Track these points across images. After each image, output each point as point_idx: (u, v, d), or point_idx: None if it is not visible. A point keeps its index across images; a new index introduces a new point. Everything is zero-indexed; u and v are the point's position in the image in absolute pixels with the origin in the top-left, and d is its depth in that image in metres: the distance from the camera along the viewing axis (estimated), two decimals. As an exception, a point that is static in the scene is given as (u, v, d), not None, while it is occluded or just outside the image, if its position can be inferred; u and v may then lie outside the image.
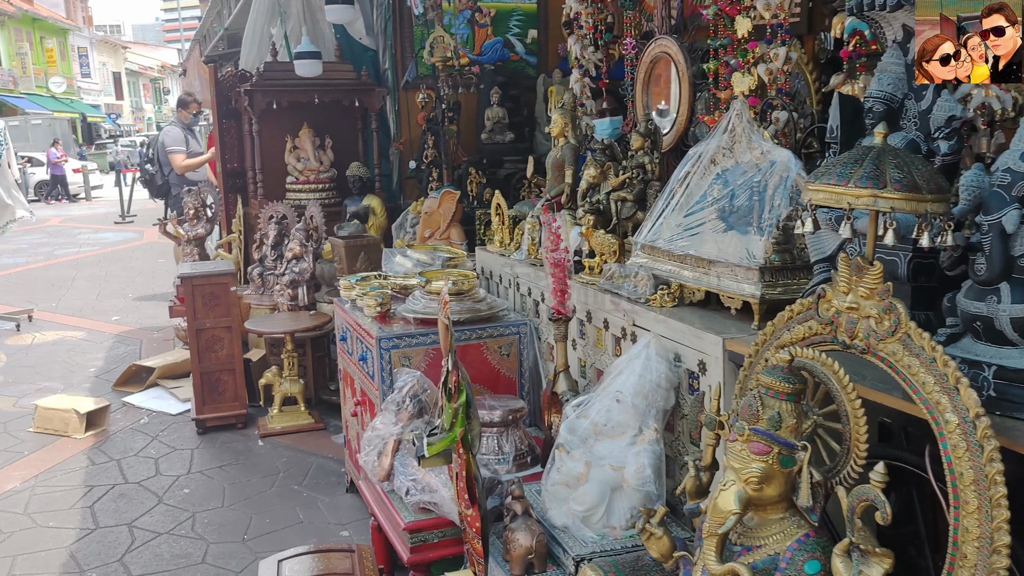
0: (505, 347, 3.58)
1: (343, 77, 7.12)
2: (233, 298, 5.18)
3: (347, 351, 4.00)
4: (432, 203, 5.78)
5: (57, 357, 7.15)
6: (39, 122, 32.83)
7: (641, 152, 3.33)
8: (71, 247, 14.41)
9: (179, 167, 8.50)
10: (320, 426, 5.22)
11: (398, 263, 4.08)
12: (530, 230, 3.85)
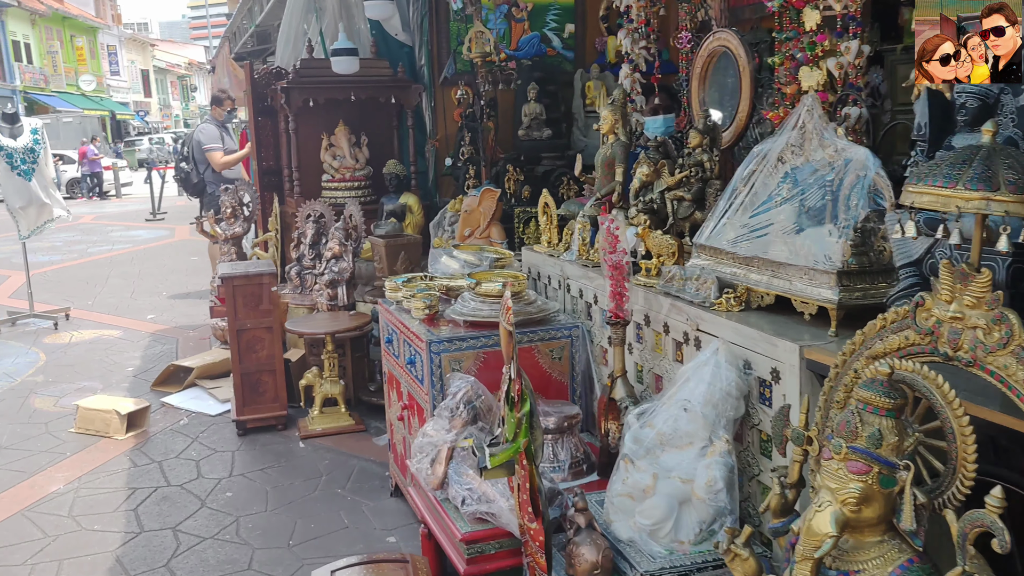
0: (557, 351, 3.49)
1: (379, 74, 7.06)
2: (274, 298, 5.13)
3: (393, 354, 3.92)
4: (472, 201, 5.70)
5: (95, 356, 7.15)
6: (70, 120, 33.19)
7: (699, 150, 3.22)
8: (104, 245, 14.49)
9: (218, 164, 8.48)
10: (361, 428, 5.16)
11: (444, 264, 4.00)
12: (580, 230, 3.75)
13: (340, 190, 7.09)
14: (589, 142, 7.46)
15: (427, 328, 3.51)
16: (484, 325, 3.43)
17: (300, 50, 7.68)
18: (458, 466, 2.91)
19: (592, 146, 7.44)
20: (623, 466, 2.49)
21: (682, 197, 3.25)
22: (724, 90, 3.56)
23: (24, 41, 35.57)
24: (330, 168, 7.17)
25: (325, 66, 6.97)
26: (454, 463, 2.92)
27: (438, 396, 3.35)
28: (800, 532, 1.65)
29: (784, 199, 2.66)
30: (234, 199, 6.73)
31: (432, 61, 7.28)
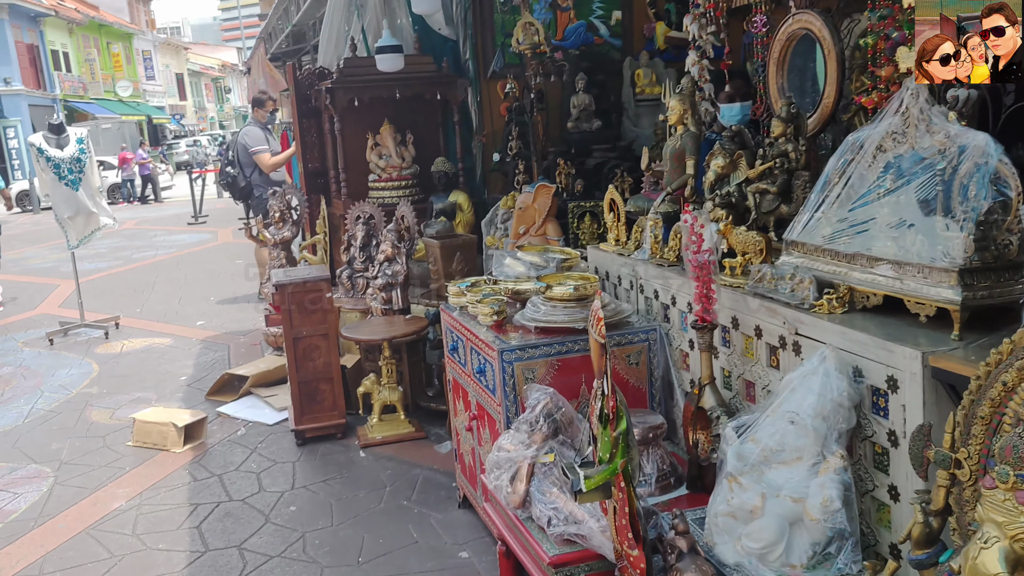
0: (633, 356, 3.32)
1: (424, 70, 6.92)
2: (329, 305, 5.01)
3: (459, 361, 3.78)
4: (526, 197, 5.54)
5: (147, 365, 7.11)
6: (108, 126, 33.57)
7: (783, 139, 3.03)
8: (148, 250, 14.56)
9: (266, 166, 8.43)
10: (421, 435, 5.03)
11: (509, 266, 3.84)
12: (652, 227, 3.57)
13: (387, 190, 6.97)
14: (640, 132, 7.27)
15: (496, 335, 3.36)
16: (557, 331, 3.28)
17: (342, 49, 7.57)
18: (540, 483, 2.76)
19: (644, 136, 7.25)
20: (727, 485, 2.31)
21: (766, 190, 3.06)
22: (805, 75, 3.36)
23: (63, 50, 36.04)
24: (376, 168, 7.05)
25: (369, 64, 6.85)
26: (536, 480, 2.77)
27: (511, 407, 3.21)
28: (963, 572, 1.48)
29: (887, 191, 2.46)
30: (282, 203, 6.64)
31: (477, 55, 7.12)
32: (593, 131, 7.00)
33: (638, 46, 7.47)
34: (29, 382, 6.85)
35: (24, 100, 31.03)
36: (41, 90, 33.05)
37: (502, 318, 3.45)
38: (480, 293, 3.65)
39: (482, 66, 7.18)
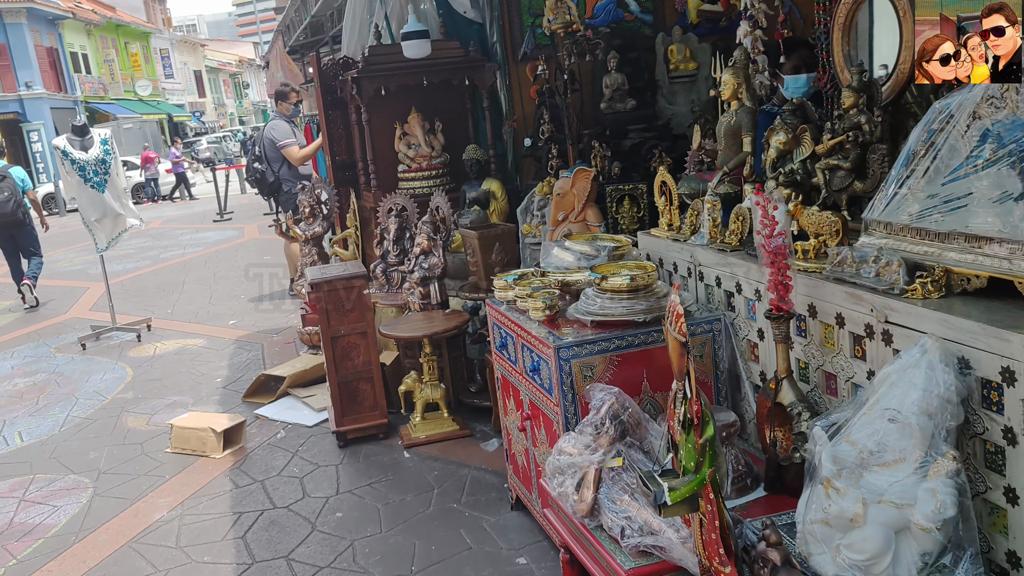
0: (697, 348, 3.12)
1: (451, 55, 6.72)
2: (366, 302, 4.85)
3: (508, 359, 3.60)
4: (564, 183, 5.33)
5: (181, 368, 7.00)
6: (130, 126, 33.70)
7: (855, 110, 2.81)
8: (175, 249, 14.51)
9: (296, 159, 8.31)
10: (466, 432, 4.87)
11: (557, 257, 3.65)
12: (710, 210, 3.36)
13: (417, 180, 6.80)
14: (676, 110, 7.04)
15: (549, 331, 3.17)
16: (614, 325, 3.08)
17: (366, 37, 7.39)
18: (609, 490, 2.58)
19: (680, 114, 7.03)
20: (822, 491, 2.12)
21: (837, 166, 2.85)
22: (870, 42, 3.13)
23: (82, 52, 36.17)
24: (405, 158, 6.87)
25: (394, 52, 6.66)
26: (604, 487, 2.59)
27: (569, 407, 3.02)
28: None
29: (986, 162, 2.24)
30: (311, 198, 6.48)
31: (504, 37, 6.91)
32: (627, 111, 6.77)
33: (670, 21, 7.23)
34: (63, 389, 6.76)
35: (46, 103, 31.18)
36: (62, 93, 33.20)
37: (554, 312, 3.26)
38: (529, 287, 3.46)
39: (510, 49, 6.96)
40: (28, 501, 4.69)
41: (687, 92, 7.05)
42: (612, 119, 6.75)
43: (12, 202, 9.63)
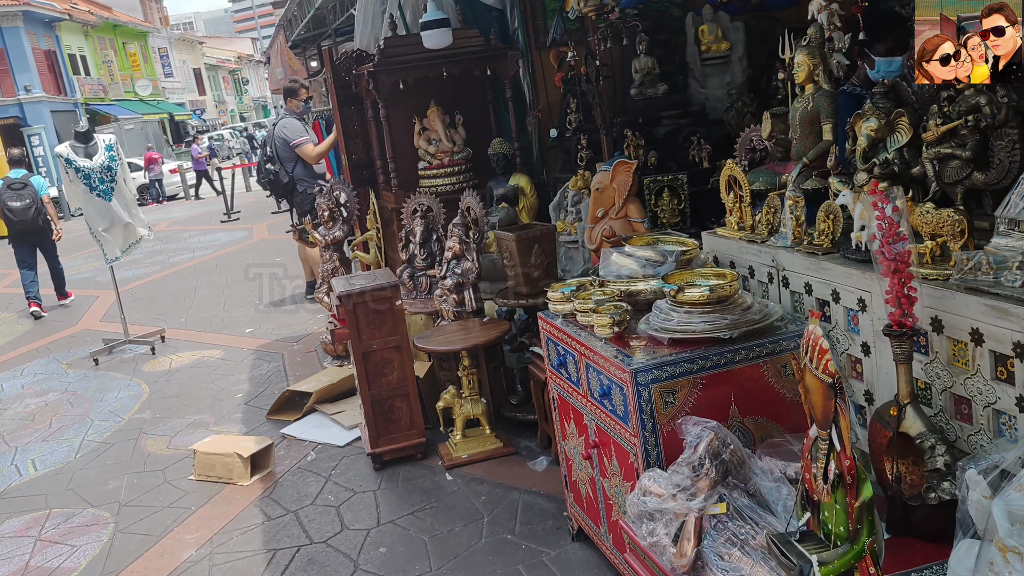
0: (789, 365, 2.78)
1: (471, 44, 6.36)
2: (399, 313, 4.51)
3: (568, 379, 3.26)
4: (603, 177, 4.98)
5: (199, 383, 6.68)
6: (132, 127, 33.39)
7: (972, 91, 2.45)
8: (185, 252, 14.19)
9: (311, 157, 7.99)
10: (510, 450, 4.54)
11: (617, 263, 3.30)
12: (792, 207, 3.01)
13: (440, 177, 6.45)
14: (710, 94, 6.67)
15: (619, 350, 2.83)
16: (694, 342, 2.74)
17: (379, 29, 7.03)
18: (714, 542, 2.24)
19: (714, 98, 6.65)
20: (996, 554, 1.77)
21: (952, 155, 2.49)
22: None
23: (80, 53, 35.81)
24: (426, 154, 6.52)
25: (411, 43, 6.30)
26: (708, 539, 2.25)
27: (649, 438, 2.68)
28: None
29: None
30: (330, 200, 6.13)
31: (527, 23, 6.55)
32: (659, 96, 6.43)
33: (699, 1, 6.85)
34: (77, 410, 6.45)
35: (46, 107, 30.85)
36: (62, 95, 32.85)
37: (623, 329, 2.92)
38: (590, 299, 3.12)
39: (532, 35, 6.61)
40: (45, 540, 4.38)
41: (720, 74, 6.68)
42: (643, 106, 6.40)
43: (33, 209, 9.74)
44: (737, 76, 6.68)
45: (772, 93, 6.52)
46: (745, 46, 6.66)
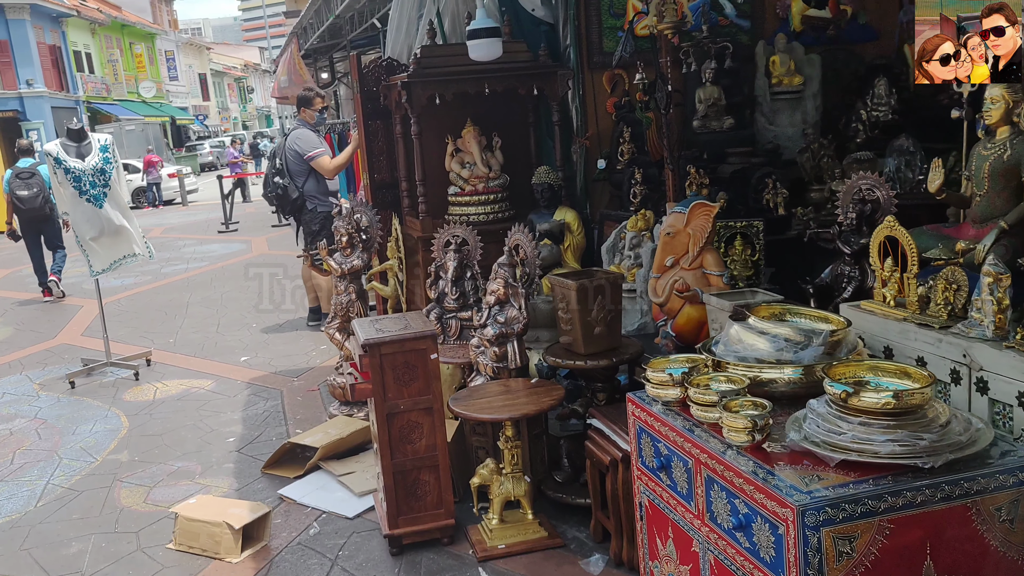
0: (1007, 508, 2.04)
1: (518, 59, 5.69)
2: (434, 369, 3.76)
3: (672, 488, 2.51)
4: (676, 220, 4.27)
5: (186, 419, 5.90)
6: (132, 128, 32.74)
7: None
8: (178, 263, 13.40)
9: (329, 170, 7.31)
10: (557, 541, 3.77)
11: (739, 338, 2.56)
12: (991, 284, 2.29)
13: (472, 205, 5.76)
14: (779, 131, 6.00)
15: (759, 465, 2.10)
16: (875, 469, 2.00)
17: (414, 37, 6.34)
18: None
19: (783, 136, 5.97)
20: None
21: None
22: None
23: (85, 51, 35.16)
24: (458, 179, 5.82)
25: (453, 53, 5.62)
26: None
27: (812, 597, 1.94)
28: None
29: None
30: (350, 224, 5.39)
31: (580, 41, 5.87)
32: (724, 131, 5.77)
33: (770, 27, 6.23)
34: (45, 443, 5.66)
35: (47, 102, 30.10)
36: (64, 92, 32.14)
37: (765, 437, 2.18)
38: (710, 386, 2.38)
39: (586, 54, 5.92)
40: (-14, 622, 3.60)
41: (790, 111, 6.02)
42: (707, 140, 5.74)
43: (40, 197, 10.33)
44: (809, 114, 6.00)
45: (851, 136, 5.87)
46: (820, 82, 6.00)
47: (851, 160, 5.40)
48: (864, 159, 5.41)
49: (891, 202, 3.77)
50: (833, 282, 3.97)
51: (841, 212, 3.95)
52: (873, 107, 5.81)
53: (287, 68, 18.79)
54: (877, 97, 5.81)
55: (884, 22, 6.32)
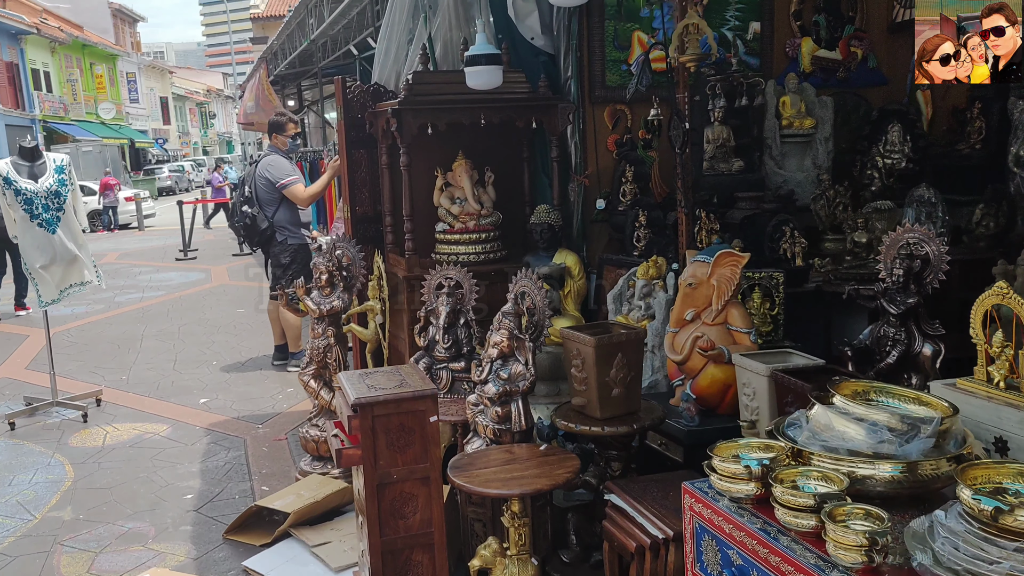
0: None
1: (517, 90, 5.30)
2: (433, 434, 3.29)
3: (744, 604, 2.08)
4: (698, 270, 3.89)
5: (139, 471, 5.34)
6: (89, 149, 31.97)
7: None
8: (133, 291, 12.76)
9: (304, 199, 6.93)
10: (568, 634, 3.31)
11: (828, 425, 2.14)
12: None
13: (461, 244, 5.33)
14: (787, 176, 5.67)
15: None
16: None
17: (403, 63, 5.93)
18: None
19: (792, 180, 5.64)
20: None
21: None
22: None
23: (44, 69, 34.31)
24: (447, 215, 5.39)
25: (447, 80, 5.23)
26: None
27: None
28: None
29: None
30: (331, 262, 4.92)
31: (582, 73, 5.50)
32: (733, 173, 5.42)
33: (778, 66, 5.92)
34: (-23, 495, 5.07)
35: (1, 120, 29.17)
36: (19, 110, 31.23)
37: (883, 557, 1.76)
38: (797, 483, 1.96)
39: (587, 87, 5.56)
40: None
41: (799, 155, 5.70)
42: (714, 182, 5.38)
43: None
44: (820, 158, 5.68)
45: (866, 183, 5.56)
46: (832, 125, 5.70)
47: (871, 209, 5.09)
48: (884, 209, 5.10)
49: (942, 259, 3.41)
50: (874, 345, 3.59)
51: (883, 268, 3.58)
52: (886, 154, 5.52)
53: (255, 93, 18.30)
54: (890, 144, 5.53)
55: (894, 66, 6.07)
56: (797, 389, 3.14)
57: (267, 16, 36.26)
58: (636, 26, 5.59)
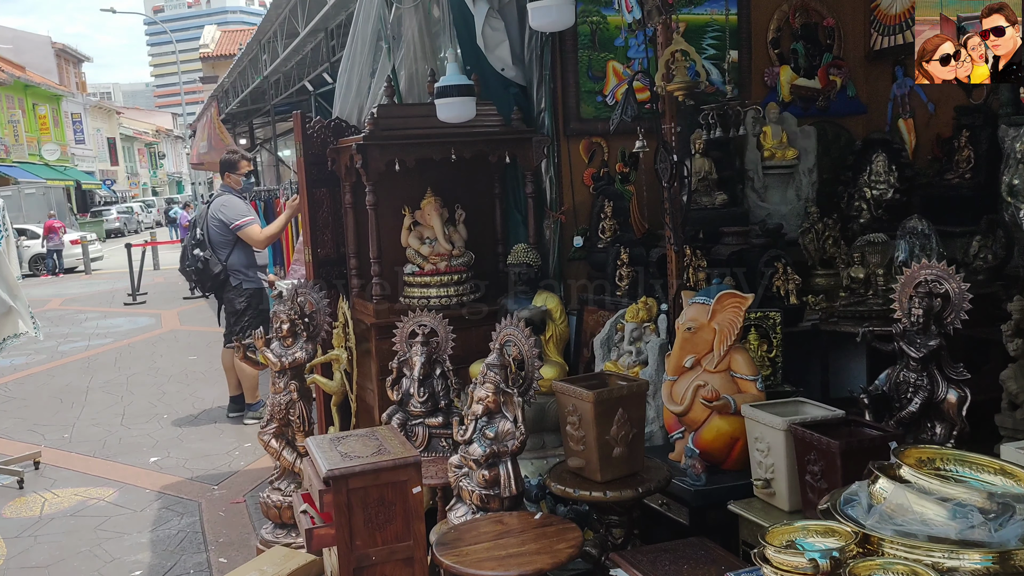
0: None
1: (489, 122, 5.01)
2: (416, 507, 2.92)
3: None
4: (698, 313, 3.59)
5: (80, 545, 4.85)
6: (33, 191, 30.93)
7: None
8: (79, 340, 12.15)
9: (260, 241, 6.59)
10: None
11: (901, 505, 1.82)
12: None
13: (432, 287, 4.99)
14: (770, 208, 5.44)
15: None
16: None
17: (366, 96, 5.60)
18: None
19: (776, 214, 5.41)
20: None
21: None
22: None
23: (-17, 110, 33.36)
24: (416, 256, 5.05)
25: (414, 114, 4.93)
26: None
27: None
28: None
29: None
30: (292, 309, 4.53)
31: (556, 105, 5.23)
32: (716, 207, 5.18)
33: (756, 95, 5.72)
34: None
35: (-63, 162, 28.24)
36: (-43, 152, 30.25)
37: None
38: None
39: (562, 119, 5.28)
40: None
41: (782, 186, 5.48)
42: (697, 216, 5.12)
43: None
44: (804, 190, 5.46)
45: (854, 216, 5.35)
46: (816, 156, 5.49)
47: (864, 243, 4.86)
48: (877, 242, 4.87)
49: (963, 296, 3.17)
50: (893, 391, 3.32)
51: (899, 308, 3.32)
52: (872, 184, 5.33)
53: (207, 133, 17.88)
54: (876, 174, 5.34)
55: (873, 95, 5.90)
56: (822, 447, 2.84)
57: (217, 55, 35.82)
58: (611, 56, 5.34)
